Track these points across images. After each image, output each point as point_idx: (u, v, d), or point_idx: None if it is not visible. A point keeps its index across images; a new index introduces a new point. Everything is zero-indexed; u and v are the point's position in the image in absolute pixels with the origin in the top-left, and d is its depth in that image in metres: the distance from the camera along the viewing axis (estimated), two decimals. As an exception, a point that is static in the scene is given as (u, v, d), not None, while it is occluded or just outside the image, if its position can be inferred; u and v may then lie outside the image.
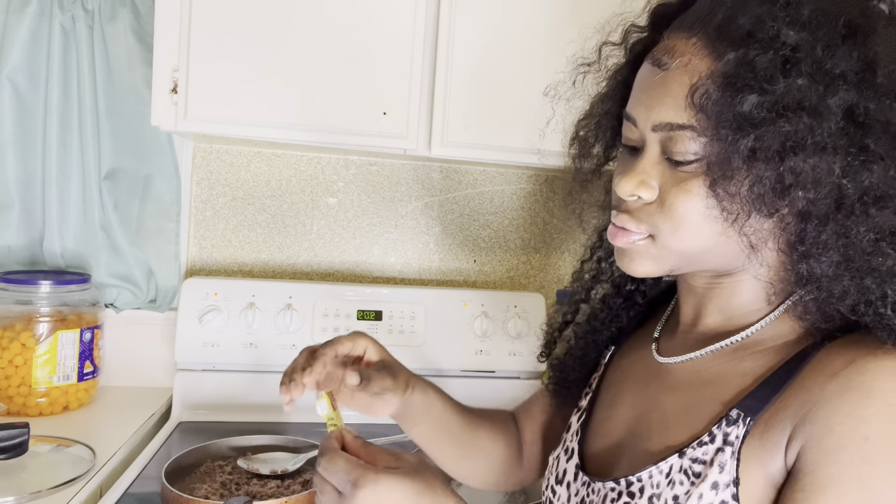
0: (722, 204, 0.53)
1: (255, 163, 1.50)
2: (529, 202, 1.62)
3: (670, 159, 0.56)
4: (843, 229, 0.52)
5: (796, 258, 0.55)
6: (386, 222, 1.56)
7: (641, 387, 0.68)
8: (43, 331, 1.26)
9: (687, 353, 0.65)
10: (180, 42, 1.13)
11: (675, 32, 0.56)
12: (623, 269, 0.62)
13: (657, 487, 0.58)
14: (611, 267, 0.77)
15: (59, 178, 1.36)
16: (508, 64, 1.21)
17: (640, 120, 0.58)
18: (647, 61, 0.58)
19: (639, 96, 0.58)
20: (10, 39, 1.30)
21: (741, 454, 0.54)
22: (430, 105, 1.21)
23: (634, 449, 0.64)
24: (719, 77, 0.52)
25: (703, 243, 0.56)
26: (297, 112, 1.16)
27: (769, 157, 0.51)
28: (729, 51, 0.52)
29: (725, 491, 0.54)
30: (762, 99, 0.50)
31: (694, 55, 0.54)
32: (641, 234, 0.59)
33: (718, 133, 0.52)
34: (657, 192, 0.57)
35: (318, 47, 1.16)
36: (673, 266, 0.60)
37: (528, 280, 1.63)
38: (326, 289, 1.43)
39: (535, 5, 1.20)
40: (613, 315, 0.78)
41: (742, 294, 0.61)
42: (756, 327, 0.61)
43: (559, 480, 0.71)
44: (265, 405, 1.39)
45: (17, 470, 1.00)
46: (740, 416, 0.56)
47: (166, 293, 1.47)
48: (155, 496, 1.02)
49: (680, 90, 0.54)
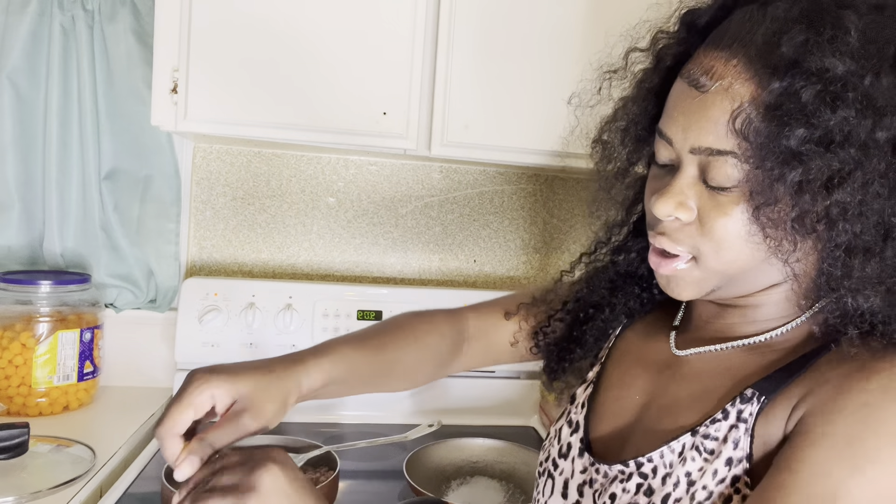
0: (765, 231, 0.53)
1: (255, 163, 1.50)
2: (529, 202, 1.62)
3: (708, 183, 0.55)
4: (888, 263, 0.52)
5: (842, 292, 0.54)
6: (386, 222, 1.56)
7: (654, 374, 0.69)
8: (43, 331, 1.26)
9: (703, 346, 0.65)
10: (180, 42, 1.13)
11: (713, 51, 0.55)
12: (668, 294, 0.62)
13: (669, 467, 0.59)
14: (626, 259, 0.76)
15: (59, 178, 1.36)
16: (509, 64, 1.21)
17: (676, 140, 0.57)
18: (683, 80, 0.57)
19: (675, 116, 0.57)
20: (10, 39, 1.30)
21: (755, 431, 0.55)
22: (430, 105, 1.21)
23: (642, 432, 0.65)
24: (762, 106, 0.51)
25: (745, 264, 0.56)
26: (297, 112, 1.16)
27: (816, 191, 0.50)
28: (773, 80, 0.50)
29: (738, 466, 0.55)
30: (810, 133, 0.49)
31: (735, 79, 0.52)
32: (684, 256, 0.58)
33: (763, 164, 0.51)
34: (695, 213, 0.56)
35: (319, 47, 1.16)
36: (714, 287, 0.59)
37: (528, 280, 1.63)
38: (326, 289, 1.43)
39: (535, 5, 1.20)
40: (626, 303, 0.77)
41: (769, 306, 0.62)
42: (779, 331, 0.61)
43: (563, 454, 0.70)
44: (265, 405, 1.39)
45: (17, 470, 1.00)
46: (755, 394, 0.56)
47: (166, 293, 1.47)
48: (155, 496, 1.02)
49: (721, 115, 0.53)
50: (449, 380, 1.46)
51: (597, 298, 0.78)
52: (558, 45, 1.20)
